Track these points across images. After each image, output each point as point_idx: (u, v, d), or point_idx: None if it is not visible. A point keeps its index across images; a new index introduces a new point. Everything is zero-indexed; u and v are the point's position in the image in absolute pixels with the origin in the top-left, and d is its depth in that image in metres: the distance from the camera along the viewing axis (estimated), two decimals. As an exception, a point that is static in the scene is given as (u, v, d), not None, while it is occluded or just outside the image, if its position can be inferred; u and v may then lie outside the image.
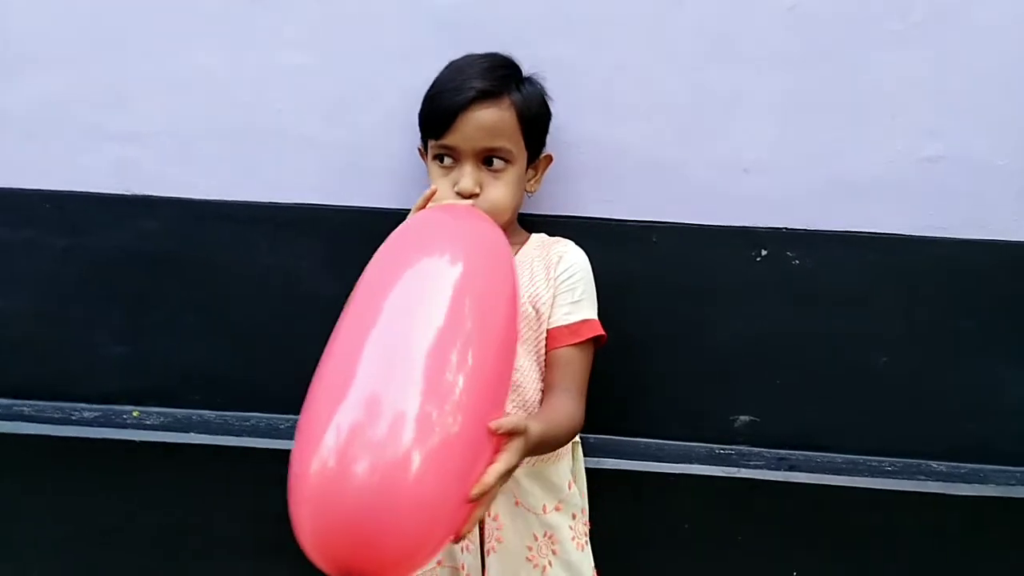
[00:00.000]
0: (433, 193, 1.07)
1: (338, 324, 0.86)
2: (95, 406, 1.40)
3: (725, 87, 1.26)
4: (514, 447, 0.81)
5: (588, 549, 1.17)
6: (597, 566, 1.18)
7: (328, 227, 1.34)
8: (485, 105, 1.05)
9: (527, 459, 1.08)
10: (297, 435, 0.77)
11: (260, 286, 1.37)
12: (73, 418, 1.38)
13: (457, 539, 0.78)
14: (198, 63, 1.30)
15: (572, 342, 1.08)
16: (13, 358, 1.41)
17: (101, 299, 1.38)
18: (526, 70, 1.17)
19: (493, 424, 0.78)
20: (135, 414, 1.40)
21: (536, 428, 0.85)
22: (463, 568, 1.10)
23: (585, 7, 1.24)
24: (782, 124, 1.27)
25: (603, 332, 1.11)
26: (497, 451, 0.80)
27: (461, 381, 0.77)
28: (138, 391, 1.41)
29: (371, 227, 1.30)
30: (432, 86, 1.12)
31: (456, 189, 1.06)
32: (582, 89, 1.25)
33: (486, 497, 0.78)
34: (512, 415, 0.83)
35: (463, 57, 1.14)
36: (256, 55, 1.29)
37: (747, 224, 1.30)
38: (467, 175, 1.06)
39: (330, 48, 1.29)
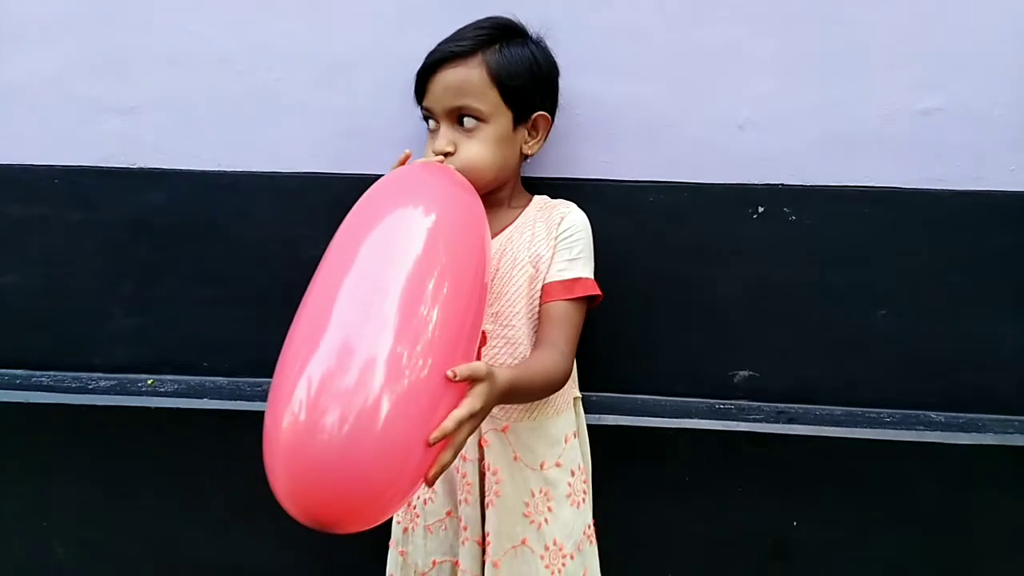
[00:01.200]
0: (407, 157, 1.11)
1: (313, 278, 0.90)
2: (111, 375, 1.45)
3: (719, 44, 1.26)
4: (477, 392, 0.83)
5: (586, 506, 1.18)
6: (598, 522, 1.21)
7: (329, 194, 1.35)
8: (452, 65, 1.08)
9: (528, 412, 1.12)
10: (270, 391, 0.82)
11: (265, 253, 1.39)
12: (90, 387, 1.42)
13: (428, 484, 0.81)
14: (195, 33, 1.32)
15: (565, 297, 1.09)
16: (31, 331, 1.45)
17: (112, 272, 1.41)
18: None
19: (450, 371, 0.81)
20: (150, 382, 1.44)
21: (504, 376, 0.88)
22: (461, 520, 1.13)
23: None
24: (777, 80, 1.27)
25: (599, 292, 1.13)
26: (462, 398, 0.83)
27: (430, 329, 0.81)
28: (152, 360, 1.45)
29: (372, 193, 1.34)
30: None
31: (432, 149, 1.10)
32: (577, 50, 1.25)
33: (449, 442, 0.80)
34: (474, 362, 0.85)
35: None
36: (252, 23, 1.31)
37: (743, 181, 1.31)
38: (441, 135, 1.09)
39: (326, 15, 1.30)
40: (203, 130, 1.35)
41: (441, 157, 1.08)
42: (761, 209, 1.32)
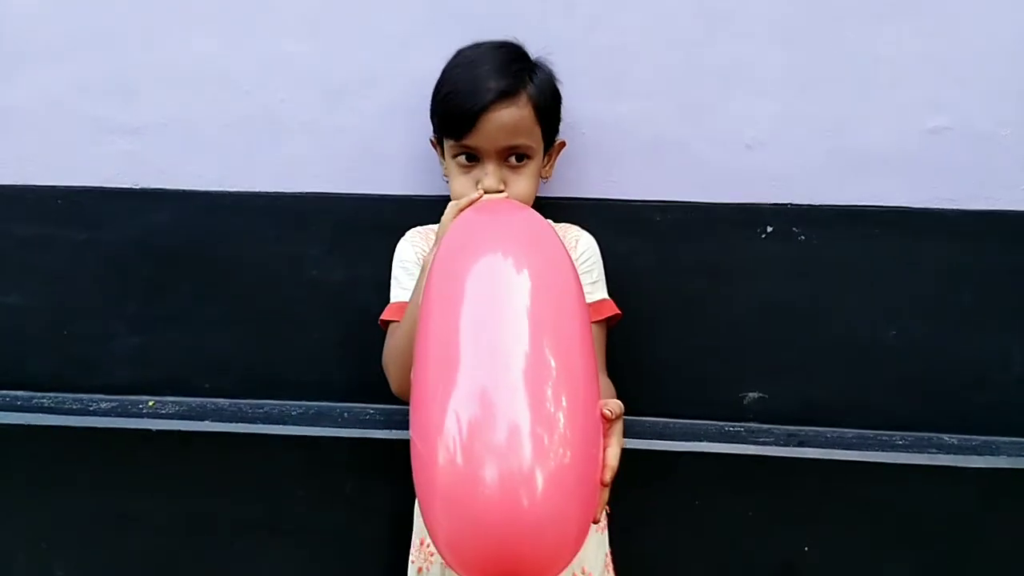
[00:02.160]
0: (478, 198, 1.07)
1: (430, 313, 0.86)
2: (112, 397, 1.43)
3: (726, 63, 1.26)
4: (619, 427, 0.84)
5: (606, 534, 1.18)
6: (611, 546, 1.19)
7: (333, 215, 1.36)
8: (504, 105, 1.06)
9: None
10: (412, 408, 0.83)
11: (269, 275, 1.39)
12: (91, 409, 1.41)
13: (596, 522, 0.81)
14: (200, 53, 1.32)
15: (594, 320, 1.09)
16: (32, 352, 1.44)
17: (115, 292, 1.41)
18: (532, 52, 1.17)
19: (607, 410, 0.81)
20: (151, 404, 1.42)
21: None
22: None
23: (584, -13, 1.25)
24: (784, 99, 1.27)
25: (619, 310, 1.16)
26: (605, 435, 0.82)
27: (564, 390, 0.77)
28: (153, 381, 1.43)
29: (376, 214, 1.34)
30: (445, 81, 1.12)
31: (481, 187, 1.08)
32: (584, 69, 1.25)
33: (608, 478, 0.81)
34: (611, 399, 0.84)
35: (472, 47, 1.14)
36: (257, 44, 1.31)
37: (752, 201, 1.30)
38: (491, 174, 1.08)
39: (330, 36, 1.30)
40: (207, 151, 1.35)
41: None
42: (770, 229, 1.31)
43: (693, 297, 1.34)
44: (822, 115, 1.27)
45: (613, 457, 0.81)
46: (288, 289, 1.39)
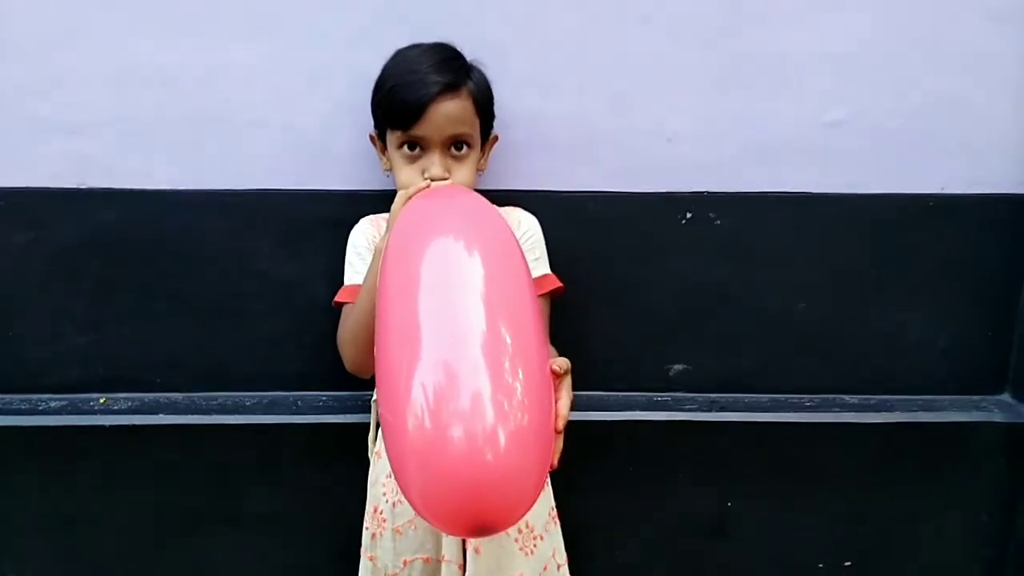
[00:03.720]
0: (426, 187, 1.14)
1: (385, 294, 0.93)
2: (62, 395, 1.44)
3: (648, 62, 1.36)
4: (568, 381, 0.96)
5: (548, 490, 1.25)
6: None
7: (280, 210, 1.40)
8: (448, 97, 1.14)
9: None
10: (379, 384, 0.90)
11: (218, 270, 1.42)
12: (40, 408, 1.42)
13: (553, 468, 0.90)
14: (144, 54, 1.33)
15: (539, 293, 1.18)
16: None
17: (62, 291, 1.41)
18: (466, 53, 1.24)
19: (556, 366, 0.92)
20: (102, 401, 1.44)
21: None
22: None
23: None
24: (700, 96, 1.38)
25: (561, 283, 1.27)
26: (556, 389, 0.92)
27: (527, 331, 0.87)
28: (104, 379, 1.45)
29: (322, 209, 1.39)
30: (387, 78, 1.19)
31: (428, 175, 1.16)
32: (516, 68, 1.33)
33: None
34: (559, 358, 0.95)
35: (410, 47, 1.22)
36: (202, 45, 1.33)
37: (673, 189, 1.41)
38: (436, 162, 1.16)
39: (276, 38, 1.34)
40: (153, 149, 1.37)
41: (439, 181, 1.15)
42: (689, 215, 1.42)
43: (622, 279, 1.45)
44: (734, 110, 1.39)
45: (564, 407, 0.92)
46: (237, 284, 1.43)
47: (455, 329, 0.84)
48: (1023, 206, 1.43)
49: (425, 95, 1.13)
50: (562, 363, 0.94)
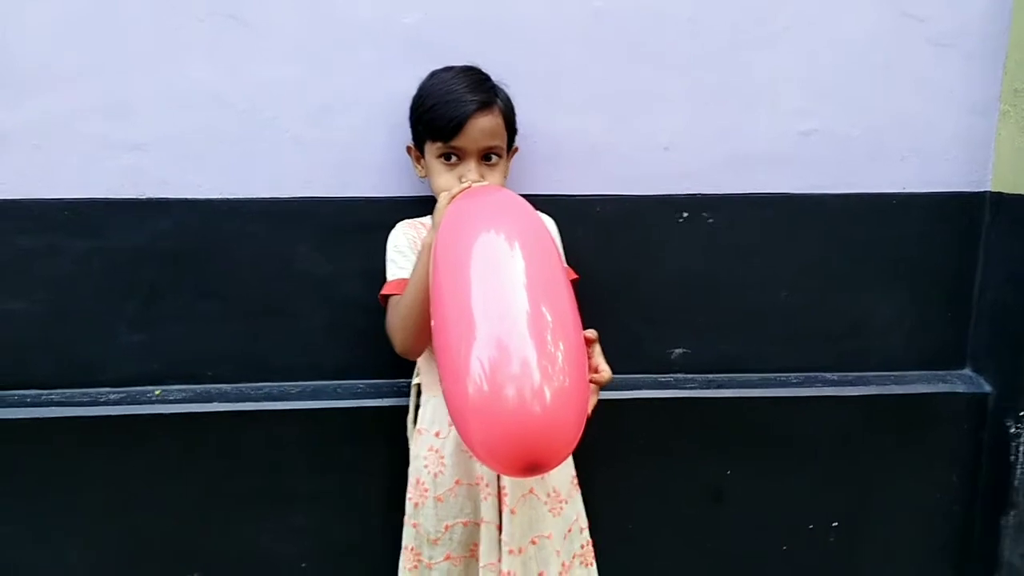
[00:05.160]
0: (468, 187, 1.28)
1: (438, 284, 1.07)
2: (119, 389, 1.57)
3: (643, 84, 1.55)
4: (598, 347, 1.18)
5: (570, 459, 1.39)
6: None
7: (319, 216, 1.55)
8: (483, 113, 1.31)
9: None
10: (439, 359, 1.03)
11: (262, 271, 1.56)
12: (100, 400, 1.54)
13: (589, 417, 1.03)
14: (196, 77, 1.49)
15: None
16: (39, 355, 1.56)
17: (119, 294, 1.54)
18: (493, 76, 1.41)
19: (589, 334, 1.12)
20: (157, 393, 1.56)
21: None
22: (483, 480, 1.31)
23: (525, 23, 1.51)
24: (690, 111, 1.57)
25: (577, 275, 1.41)
26: (590, 354, 1.13)
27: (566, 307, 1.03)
28: (159, 373, 1.58)
29: (357, 214, 1.55)
30: (427, 97, 1.35)
31: (466, 180, 1.31)
32: (529, 90, 1.49)
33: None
34: (588, 329, 1.11)
35: (444, 70, 1.39)
36: (248, 69, 1.49)
37: (669, 192, 1.59)
38: (472, 169, 1.32)
39: (314, 62, 1.50)
40: (205, 163, 1.52)
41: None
42: (685, 215, 1.61)
43: (627, 273, 1.62)
44: (720, 123, 1.57)
45: (603, 365, 1.16)
46: (280, 284, 1.57)
47: (503, 309, 0.98)
48: (971, 203, 1.63)
49: (464, 112, 1.30)
50: (591, 332, 1.13)
